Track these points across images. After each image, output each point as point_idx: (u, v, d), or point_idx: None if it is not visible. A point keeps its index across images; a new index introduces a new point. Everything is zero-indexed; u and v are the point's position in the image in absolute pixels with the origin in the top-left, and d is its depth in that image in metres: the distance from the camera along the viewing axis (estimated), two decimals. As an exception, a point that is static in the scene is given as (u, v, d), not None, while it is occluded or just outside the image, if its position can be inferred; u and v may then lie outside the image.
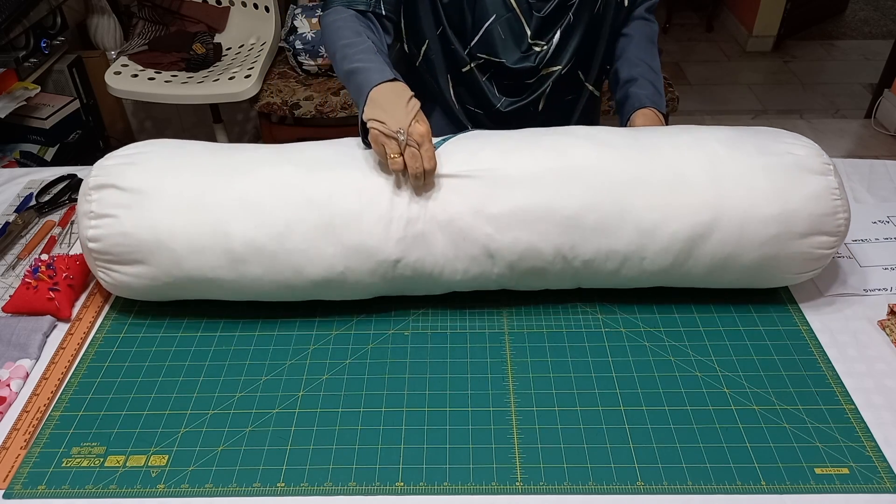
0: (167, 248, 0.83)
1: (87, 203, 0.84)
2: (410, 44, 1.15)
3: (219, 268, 0.84)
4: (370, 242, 0.83)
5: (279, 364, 0.85)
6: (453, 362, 0.85)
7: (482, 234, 0.84)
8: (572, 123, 1.20)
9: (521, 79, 1.12)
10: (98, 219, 0.83)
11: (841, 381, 0.81)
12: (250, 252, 0.83)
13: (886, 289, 0.94)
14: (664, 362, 0.84)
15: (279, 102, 2.06)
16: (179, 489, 0.71)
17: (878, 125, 2.81)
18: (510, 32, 1.08)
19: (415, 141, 0.83)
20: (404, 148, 0.83)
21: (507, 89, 1.14)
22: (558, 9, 1.06)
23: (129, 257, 0.84)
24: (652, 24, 1.16)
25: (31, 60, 1.92)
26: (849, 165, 1.19)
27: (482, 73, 1.12)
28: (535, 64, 1.09)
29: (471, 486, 0.71)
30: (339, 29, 1.01)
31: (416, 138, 0.83)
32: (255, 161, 0.88)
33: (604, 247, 0.85)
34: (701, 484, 0.71)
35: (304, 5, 2.14)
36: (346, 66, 0.96)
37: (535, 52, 1.09)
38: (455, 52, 1.11)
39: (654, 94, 1.09)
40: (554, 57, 1.10)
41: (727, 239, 0.84)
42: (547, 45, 1.09)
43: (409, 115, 0.86)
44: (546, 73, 1.11)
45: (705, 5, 3.71)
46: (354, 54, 0.96)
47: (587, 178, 0.84)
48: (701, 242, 0.84)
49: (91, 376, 0.83)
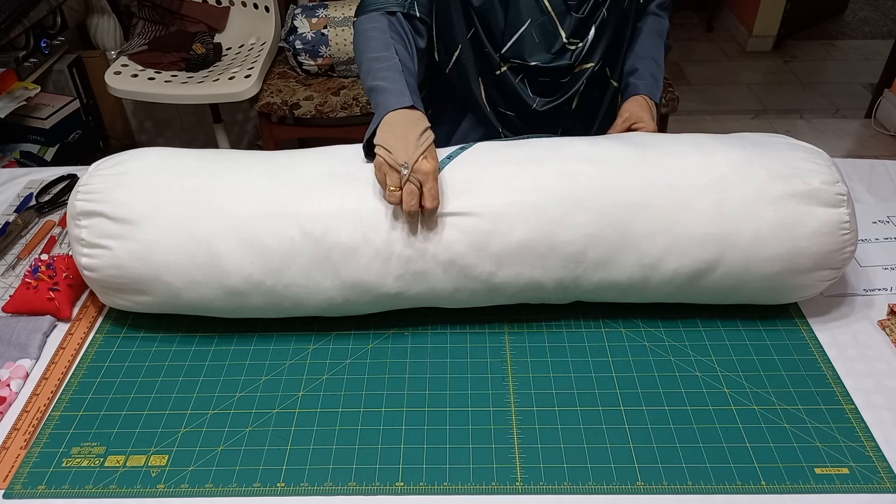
0: (164, 282, 0.81)
1: (77, 229, 0.82)
2: (441, 49, 1.13)
3: (217, 300, 0.83)
4: (369, 278, 0.82)
5: (279, 364, 0.85)
6: (453, 362, 0.85)
7: (484, 272, 0.82)
8: (598, 120, 1.20)
9: (556, 77, 1.10)
10: (91, 248, 0.82)
11: (841, 381, 0.81)
12: (248, 287, 0.82)
13: (886, 289, 0.94)
14: (664, 362, 0.84)
15: (279, 102, 2.06)
16: (179, 489, 0.71)
17: (878, 125, 2.81)
18: (542, 35, 1.06)
19: (417, 179, 0.80)
20: (405, 182, 0.79)
21: (541, 89, 1.12)
22: (594, 7, 1.05)
23: (128, 288, 0.83)
24: (662, 20, 1.17)
25: (31, 60, 1.92)
26: (849, 165, 1.19)
27: (515, 75, 1.10)
28: (570, 62, 1.08)
29: (471, 486, 0.71)
30: (369, 39, 0.99)
31: (420, 176, 0.80)
32: (245, 181, 0.83)
33: (605, 280, 0.84)
34: (701, 484, 0.71)
35: (304, 5, 2.14)
36: (369, 81, 0.94)
37: (570, 50, 1.08)
38: (488, 56, 1.09)
39: (651, 84, 1.10)
40: (588, 54, 1.09)
41: (730, 273, 0.83)
42: (582, 43, 1.07)
43: (418, 149, 0.82)
44: (579, 70, 1.10)
45: (705, 5, 3.71)
46: (379, 70, 0.94)
47: (591, 205, 0.81)
48: (703, 276, 0.83)
49: (91, 376, 0.83)
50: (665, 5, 1.18)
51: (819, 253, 0.82)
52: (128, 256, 0.81)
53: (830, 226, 0.81)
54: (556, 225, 0.81)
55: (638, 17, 1.15)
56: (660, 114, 1.18)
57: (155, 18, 2.26)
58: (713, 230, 0.81)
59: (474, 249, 0.81)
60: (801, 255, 0.82)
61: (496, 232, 0.81)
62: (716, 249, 0.82)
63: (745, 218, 0.81)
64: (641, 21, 1.16)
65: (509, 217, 0.81)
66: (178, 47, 2.16)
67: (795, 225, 0.81)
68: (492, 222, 0.81)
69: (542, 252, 0.81)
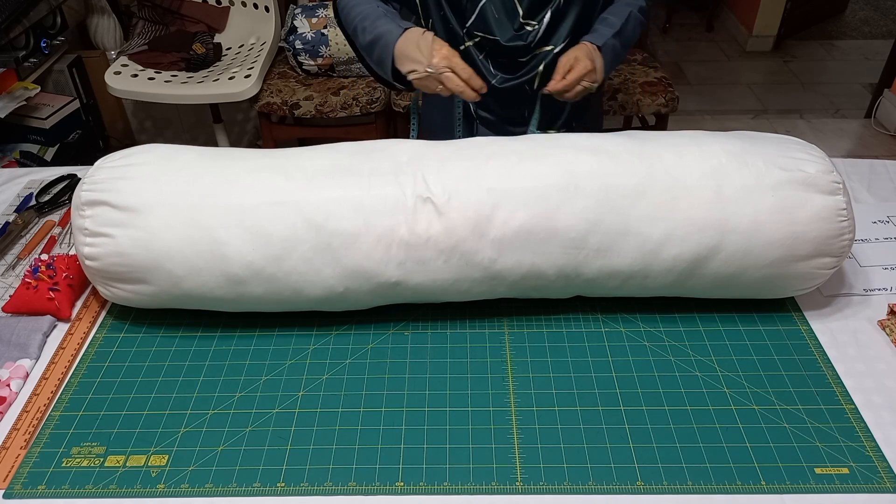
0: (165, 269, 0.82)
1: (81, 219, 0.83)
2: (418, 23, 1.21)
3: (218, 288, 0.83)
4: (369, 265, 0.82)
5: (279, 364, 0.85)
6: (453, 362, 0.85)
7: (485, 259, 0.82)
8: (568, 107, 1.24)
9: (514, 56, 1.18)
10: (93, 237, 0.82)
11: (841, 381, 0.81)
12: (249, 274, 0.82)
13: (886, 289, 0.94)
14: (664, 362, 0.84)
15: (279, 102, 2.06)
16: (179, 489, 0.71)
17: (878, 125, 2.81)
18: (503, 10, 1.14)
19: (444, 66, 1.00)
20: (439, 78, 0.98)
21: (502, 67, 1.20)
22: None
23: (128, 276, 0.83)
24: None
25: (31, 60, 1.92)
26: (849, 165, 1.19)
27: (479, 50, 1.19)
28: (526, 42, 1.15)
29: (471, 485, 0.71)
30: (352, 8, 1.17)
31: (443, 63, 1.01)
32: (249, 173, 0.84)
33: (606, 267, 0.84)
34: (701, 484, 0.71)
35: (304, 5, 2.14)
36: (366, 38, 1.11)
37: (528, 31, 1.15)
38: (454, 31, 1.18)
39: (595, 34, 1.17)
40: (546, 36, 1.15)
41: (730, 260, 0.83)
42: (538, 25, 1.14)
43: (427, 49, 1.03)
44: (539, 52, 1.16)
45: (705, 5, 3.71)
46: (370, 25, 1.12)
47: (590, 191, 0.82)
48: (704, 263, 0.83)
49: (91, 376, 0.83)
50: None
51: (818, 238, 0.82)
52: (130, 244, 0.81)
53: (828, 211, 0.82)
54: (556, 211, 0.82)
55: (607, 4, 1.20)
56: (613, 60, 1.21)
57: (155, 18, 2.26)
58: (713, 216, 0.82)
59: (475, 235, 0.82)
60: (800, 240, 0.82)
61: (497, 218, 0.81)
62: (716, 235, 0.82)
63: (744, 204, 0.82)
64: None
65: (510, 203, 0.82)
66: (178, 47, 2.16)
67: (794, 210, 0.82)
68: (492, 208, 0.82)
69: (543, 237, 0.82)
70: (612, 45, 1.16)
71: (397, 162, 0.85)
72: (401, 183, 0.82)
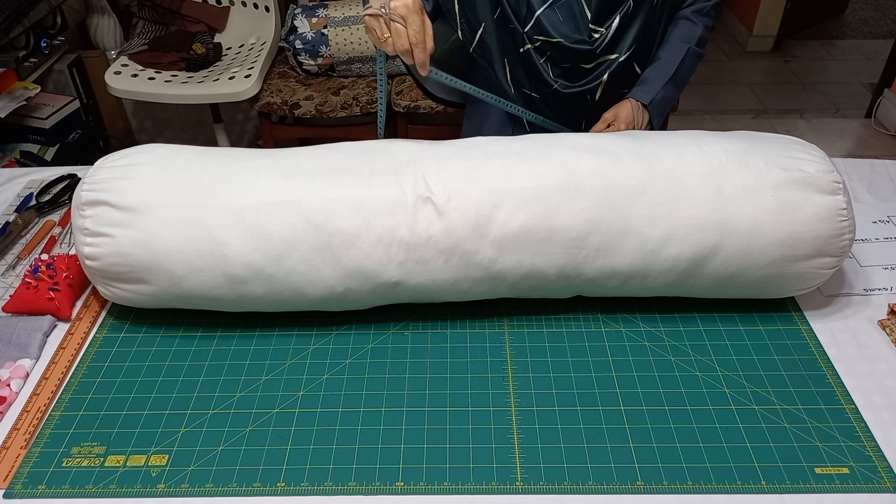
0: (165, 269, 0.82)
1: (81, 219, 0.83)
2: (465, 28, 1.14)
3: (218, 288, 0.83)
4: (369, 265, 0.82)
5: (279, 364, 0.85)
6: (453, 362, 0.85)
7: (485, 259, 0.82)
8: None
9: (577, 61, 1.11)
10: (93, 237, 0.82)
11: (841, 381, 0.81)
12: (249, 274, 0.82)
13: (886, 289, 0.94)
14: (664, 362, 0.84)
15: (279, 102, 2.06)
16: (179, 489, 0.71)
17: (878, 125, 2.81)
18: (569, 14, 1.08)
19: (398, 15, 0.81)
20: (389, 24, 0.80)
21: (564, 73, 1.13)
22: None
23: (128, 276, 0.83)
24: (695, 27, 1.16)
25: (31, 60, 1.92)
26: (849, 165, 1.19)
27: (540, 54, 1.12)
28: (592, 47, 1.09)
29: (471, 485, 0.71)
30: None
31: (401, 11, 0.81)
32: (249, 173, 0.84)
33: (606, 267, 0.84)
34: (701, 484, 0.71)
35: (304, 5, 2.14)
36: None
37: (595, 37, 1.09)
38: (513, 32, 1.11)
39: (643, 87, 1.12)
40: (612, 43, 1.10)
41: (731, 260, 0.83)
42: (606, 31, 1.08)
43: None
44: (604, 59, 1.11)
45: (705, 5, 3.70)
46: None
47: (591, 191, 0.82)
48: (704, 263, 0.83)
49: (91, 376, 0.83)
50: (704, 11, 1.16)
51: (818, 238, 0.82)
52: (130, 244, 0.81)
53: (828, 211, 0.82)
54: (556, 210, 0.82)
55: (671, 18, 1.15)
56: (662, 111, 1.17)
57: (155, 18, 2.26)
58: (713, 215, 0.82)
59: (475, 235, 0.81)
60: (800, 239, 0.82)
61: (497, 218, 0.81)
62: (716, 234, 0.82)
63: (744, 203, 0.82)
64: (674, 25, 1.16)
65: (510, 203, 0.82)
66: (178, 47, 2.16)
67: (794, 209, 0.82)
68: (493, 208, 0.81)
69: (543, 237, 0.82)
70: (663, 96, 1.13)
71: (397, 162, 0.85)
72: (401, 183, 0.82)
